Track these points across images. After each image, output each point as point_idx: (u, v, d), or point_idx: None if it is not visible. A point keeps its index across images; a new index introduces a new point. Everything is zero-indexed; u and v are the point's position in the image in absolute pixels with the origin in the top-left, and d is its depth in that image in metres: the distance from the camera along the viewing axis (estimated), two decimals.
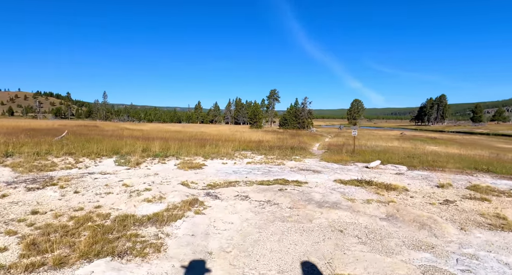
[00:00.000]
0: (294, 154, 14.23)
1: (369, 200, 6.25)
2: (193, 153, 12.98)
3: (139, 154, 11.55)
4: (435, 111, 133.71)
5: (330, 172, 9.74)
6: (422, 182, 8.45)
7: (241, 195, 6.37)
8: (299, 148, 16.26)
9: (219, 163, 11.00)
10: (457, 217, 5.34)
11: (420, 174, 9.90)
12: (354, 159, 13.11)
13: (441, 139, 39.11)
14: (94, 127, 30.68)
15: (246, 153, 14.38)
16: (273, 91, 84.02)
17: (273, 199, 6.19)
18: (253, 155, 13.58)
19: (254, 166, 10.48)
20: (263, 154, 14.07)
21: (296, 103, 63.21)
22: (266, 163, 11.24)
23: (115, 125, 46.27)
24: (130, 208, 5.11)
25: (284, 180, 8.02)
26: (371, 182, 7.79)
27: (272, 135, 30.36)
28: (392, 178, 9.00)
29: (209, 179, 7.91)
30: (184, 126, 55.40)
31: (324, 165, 11.31)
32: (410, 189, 7.46)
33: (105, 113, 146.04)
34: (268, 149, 15.56)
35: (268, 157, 12.97)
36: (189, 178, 7.97)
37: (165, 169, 9.32)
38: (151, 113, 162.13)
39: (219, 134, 29.50)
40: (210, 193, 6.40)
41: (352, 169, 10.60)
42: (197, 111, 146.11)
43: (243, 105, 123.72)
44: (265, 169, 9.98)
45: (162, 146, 13.78)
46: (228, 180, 7.90)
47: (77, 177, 7.41)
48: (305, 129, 54.74)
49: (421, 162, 12.38)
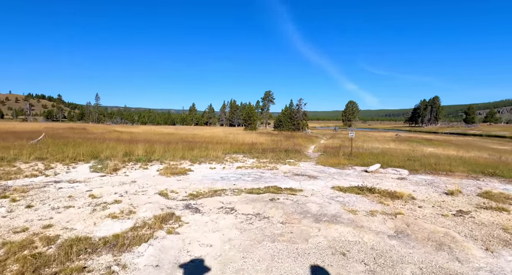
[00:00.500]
0: (288, 157, 13.41)
1: (373, 211, 5.45)
2: (180, 157, 12.06)
3: (120, 159, 10.60)
4: (429, 113, 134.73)
5: (327, 177, 8.93)
6: (428, 188, 7.69)
7: (226, 207, 5.50)
8: (294, 151, 15.46)
9: (206, 168, 10.11)
10: (477, 232, 4.56)
11: (424, 179, 9.16)
12: (352, 162, 12.35)
13: (436, 140, 38.79)
14: (82, 130, 29.45)
15: (238, 156, 13.51)
16: (268, 93, 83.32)
17: (263, 211, 5.34)
18: (245, 159, 12.72)
19: (244, 171, 9.62)
20: (256, 157, 13.22)
21: (291, 104, 62.55)
22: (258, 168, 10.39)
23: (105, 127, 44.93)
24: (87, 227, 4.21)
25: (276, 187, 7.18)
26: (373, 189, 7.00)
27: (266, 137, 29.53)
28: (394, 184, 8.23)
29: (192, 187, 7.02)
30: (177, 128, 54.25)
31: (321, 170, 10.51)
32: (416, 197, 6.69)
33: (97, 115, 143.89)
34: (261, 152, 14.72)
35: (260, 161, 12.13)
36: (169, 186, 7.08)
37: (145, 175, 8.40)
38: (145, 115, 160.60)
39: (211, 136, 28.58)
40: (190, 205, 5.52)
41: (351, 174, 9.82)
42: (192, 113, 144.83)
43: (237, 107, 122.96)
44: (256, 174, 9.13)
45: (147, 150, 12.84)
46: (213, 188, 7.02)
47: (39, 186, 6.45)
48: (300, 131, 54.07)
49: (423, 165, 11.68)
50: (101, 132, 28.34)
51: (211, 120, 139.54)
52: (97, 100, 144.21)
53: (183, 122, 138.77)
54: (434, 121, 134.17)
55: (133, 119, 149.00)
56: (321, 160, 12.94)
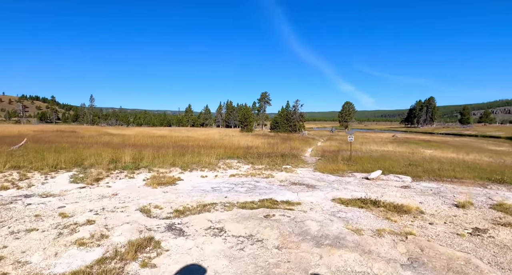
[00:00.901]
0: (285, 163, 12.79)
1: (380, 230, 4.85)
2: (170, 163, 11.38)
3: (105, 167, 9.89)
4: (424, 113, 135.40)
5: (326, 187, 8.33)
6: (435, 199, 7.12)
7: (214, 227, 4.86)
8: (291, 156, 14.86)
9: (197, 177, 9.44)
10: (503, 258, 3.98)
11: (429, 187, 8.60)
12: (352, 168, 11.77)
13: (434, 141, 38.52)
14: (71, 133, 28.54)
15: (232, 162, 12.86)
16: (264, 94, 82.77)
17: (256, 232, 4.71)
18: (239, 165, 12.08)
19: (238, 180, 8.97)
20: (251, 163, 12.58)
21: (288, 105, 62.07)
22: (252, 176, 9.75)
23: (97, 129, 43.96)
24: (46, 260, 3.53)
25: (272, 200, 6.55)
26: (377, 202, 6.40)
27: (262, 140, 28.92)
28: (399, 194, 7.65)
29: (179, 201, 6.36)
30: (172, 130, 53.39)
31: (319, 177, 9.90)
32: (425, 210, 6.11)
33: (92, 117, 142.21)
34: (256, 157, 14.09)
35: (255, 167, 11.49)
36: (154, 200, 6.41)
37: (130, 186, 7.72)
38: (140, 117, 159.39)
39: (206, 139, 27.89)
40: (174, 225, 4.87)
41: (351, 182, 9.23)
42: (188, 115, 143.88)
43: (234, 108, 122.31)
44: (250, 183, 8.49)
45: (136, 156, 12.13)
46: (202, 202, 6.36)
47: (5, 203, 5.74)
48: (297, 132, 53.59)
49: (426, 171, 11.14)
50: (91, 135, 27.47)
51: (207, 122, 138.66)
52: (91, 101, 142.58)
53: (179, 124, 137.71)
54: (429, 122, 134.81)
55: (128, 120, 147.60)
56: (319, 165, 12.35)
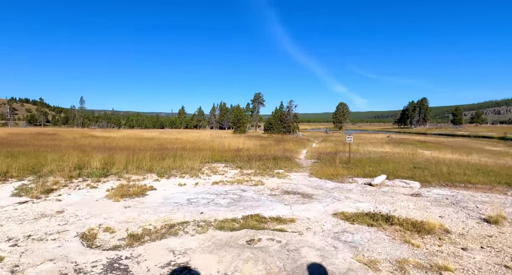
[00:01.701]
0: (277, 167, 11.49)
1: (403, 262, 3.57)
2: (147, 168, 9.97)
3: (67, 174, 8.44)
4: (417, 114, 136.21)
5: (325, 196, 7.04)
6: (457, 211, 5.90)
7: (176, 263, 3.50)
8: (284, 158, 13.56)
9: (174, 185, 8.06)
10: None
11: (443, 195, 7.40)
12: (352, 172, 10.53)
13: (430, 142, 37.79)
14: (51, 135, 26.73)
15: (218, 166, 11.50)
16: (258, 95, 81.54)
17: (233, 270, 3.37)
18: (226, 170, 10.72)
19: (221, 189, 7.62)
20: (239, 167, 11.23)
21: (281, 106, 60.88)
22: (239, 183, 8.40)
23: (83, 132, 42.02)
24: None
25: (258, 217, 5.22)
26: (390, 218, 5.14)
27: (255, 141, 27.61)
28: (411, 204, 6.42)
29: (141, 221, 4.98)
30: (162, 132, 51.69)
31: (316, 184, 8.61)
32: (450, 228, 4.86)
33: (82, 119, 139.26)
34: (246, 161, 12.75)
35: (244, 173, 10.16)
36: (108, 218, 5.02)
37: (86, 199, 6.30)
38: (133, 119, 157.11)
39: (196, 141, 26.46)
40: (119, 262, 3.50)
41: (353, 189, 7.97)
42: (181, 116, 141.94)
43: (227, 110, 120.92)
44: (235, 193, 7.15)
45: (109, 160, 10.67)
46: (170, 220, 5.00)
47: None
48: (291, 134, 52.45)
49: (434, 175, 9.98)
50: (73, 137, 25.76)
51: (201, 123, 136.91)
52: (81, 103, 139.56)
53: (172, 126, 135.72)
54: (422, 122, 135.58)
55: (120, 123, 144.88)
56: (316, 169, 11.08)
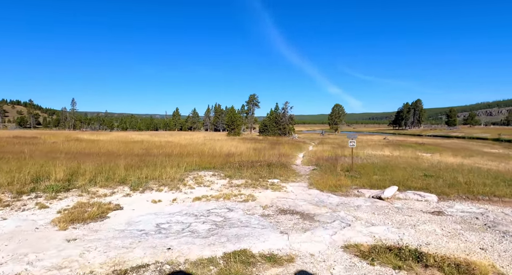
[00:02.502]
0: (271, 176, 10.15)
1: None
2: (119, 179, 8.53)
3: (17, 188, 6.97)
4: (412, 116, 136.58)
5: (330, 218, 5.71)
6: (500, 240, 4.61)
7: None
8: (279, 165, 12.22)
9: (147, 202, 6.65)
10: None
11: (471, 213, 6.14)
12: (357, 182, 9.24)
13: (429, 144, 36.89)
14: (29, 139, 24.95)
15: (205, 175, 10.11)
16: (253, 96, 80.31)
17: None
18: (213, 180, 9.34)
19: (203, 207, 6.24)
20: (228, 176, 9.86)
21: (277, 108, 59.66)
22: (226, 198, 7.03)
23: (69, 135, 40.11)
24: None
25: (245, 255, 3.86)
26: (422, 255, 3.83)
27: (249, 145, 26.26)
28: (438, 228, 5.13)
29: (80, 265, 3.58)
30: (154, 135, 49.92)
31: (318, 199, 7.29)
32: (508, 274, 3.57)
33: (73, 121, 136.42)
34: (237, 168, 11.39)
35: (233, 183, 8.79)
36: (34, 262, 3.60)
37: (22, 227, 4.86)
38: (126, 121, 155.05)
39: (186, 144, 24.98)
40: None
41: (362, 206, 6.67)
42: (175, 118, 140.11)
43: (222, 112, 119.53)
44: (219, 214, 5.78)
45: (76, 169, 9.21)
46: (123, 263, 3.61)
47: None
48: (287, 136, 51.25)
49: (451, 185, 8.75)
50: (54, 141, 24.04)
51: (195, 125, 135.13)
52: (73, 105, 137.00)
53: (166, 128, 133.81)
54: (417, 124, 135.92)
55: (112, 125, 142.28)
56: (315, 179, 9.76)
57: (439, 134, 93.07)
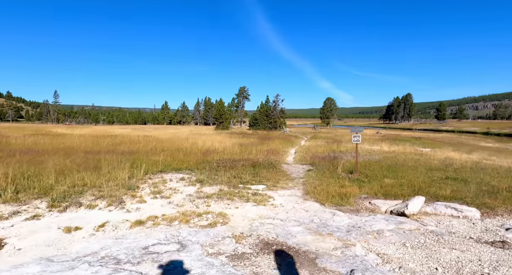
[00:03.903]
0: (256, 180, 7.91)
1: None
2: (42, 189, 6.11)
3: None
4: (402, 110, 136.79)
5: (342, 260, 3.49)
6: None
7: None
8: (267, 165, 9.98)
9: (57, 230, 4.30)
10: None
11: None
12: (366, 189, 7.10)
13: (426, 138, 35.47)
14: None
15: (170, 179, 7.78)
16: (243, 88, 77.50)
17: None
18: (177, 187, 7.01)
19: (138, 244, 3.93)
20: (199, 182, 7.55)
21: (267, 101, 57.26)
22: (183, 221, 4.73)
23: (41, 129, 36.81)
24: None
25: None
26: None
27: (236, 139, 23.96)
28: None
29: None
30: (137, 129, 46.87)
31: (319, 219, 5.09)
32: None
33: (56, 115, 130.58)
34: (214, 168, 9.10)
35: (203, 192, 6.50)
36: None
37: None
38: (113, 115, 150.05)
39: (168, 139, 22.48)
40: None
41: (384, 231, 4.52)
42: (164, 112, 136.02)
43: (212, 105, 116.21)
44: (159, 260, 3.48)
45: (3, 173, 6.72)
46: None
47: None
48: (277, 130, 49.15)
49: (487, 191, 6.74)
50: (16, 136, 21.12)
51: (185, 119, 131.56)
52: (55, 97, 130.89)
53: (155, 122, 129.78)
54: (407, 118, 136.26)
55: (97, 118, 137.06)
56: (313, 184, 7.57)
57: (429, 128, 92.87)
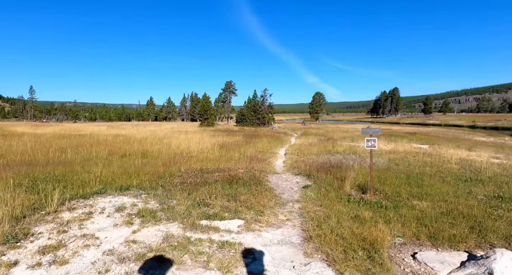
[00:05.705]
0: (230, 210, 5.31)
1: None
2: None
3: None
4: (389, 104, 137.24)
5: None
6: None
7: None
8: (250, 180, 7.37)
9: None
10: None
11: None
12: (400, 228, 4.62)
13: (420, 133, 33.88)
14: None
15: (100, 211, 5.09)
16: (229, 83, 74.26)
17: None
18: (96, 232, 4.33)
19: None
20: (142, 216, 4.89)
21: (255, 95, 54.56)
22: None
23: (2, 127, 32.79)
24: None
25: None
26: None
27: (219, 138, 21.27)
28: None
29: None
30: (113, 126, 43.20)
31: None
32: None
33: (33, 111, 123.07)
34: (175, 187, 6.44)
35: (132, 245, 3.84)
36: None
37: None
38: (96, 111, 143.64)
39: (141, 139, 19.53)
40: None
41: None
42: (149, 108, 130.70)
43: (199, 101, 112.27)
44: None
45: None
46: None
47: None
48: (266, 126, 46.69)
49: None
50: None
51: (171, 115, 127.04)
52: (31, 93, 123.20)
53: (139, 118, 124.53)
54: (394, 112, 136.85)
55: (77, 115, 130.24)
56: (315, 220, 5.02)
57: (416, 122, 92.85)
